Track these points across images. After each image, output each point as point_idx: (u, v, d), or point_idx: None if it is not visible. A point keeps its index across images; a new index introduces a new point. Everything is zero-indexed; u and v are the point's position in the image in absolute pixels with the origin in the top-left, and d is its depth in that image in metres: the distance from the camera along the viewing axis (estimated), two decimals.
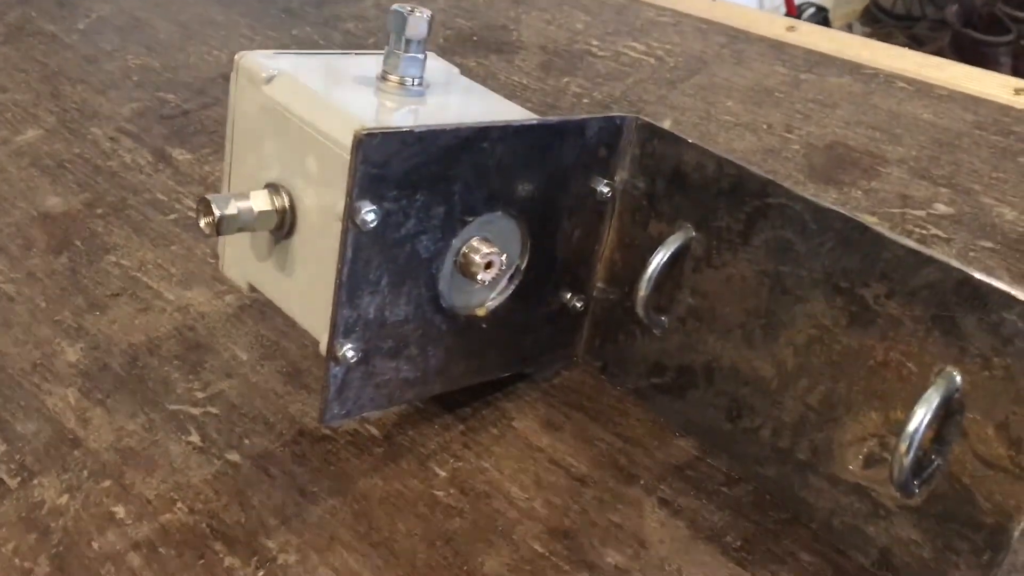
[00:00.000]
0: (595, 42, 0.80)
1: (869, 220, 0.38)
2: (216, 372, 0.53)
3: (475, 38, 0.83)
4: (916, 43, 2.45)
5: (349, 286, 0.39)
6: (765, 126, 0.68)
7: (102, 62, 0.83)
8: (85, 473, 0.47)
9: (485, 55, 0.80)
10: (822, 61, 0.75)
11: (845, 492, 0.40)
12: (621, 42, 0.80)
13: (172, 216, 0.65)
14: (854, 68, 0.74)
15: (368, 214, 0.38)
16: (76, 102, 0.78)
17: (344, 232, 0.38)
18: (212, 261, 0.61)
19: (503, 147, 0.42)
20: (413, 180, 0.39)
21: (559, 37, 0.82)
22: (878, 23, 2.78)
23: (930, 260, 0.37)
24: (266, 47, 0.85)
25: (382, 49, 0.46)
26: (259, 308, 0.57)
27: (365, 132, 0.36)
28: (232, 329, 0.55)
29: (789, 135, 0.67)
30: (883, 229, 0.38)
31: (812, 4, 2.68)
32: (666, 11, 0.84)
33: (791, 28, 0.76)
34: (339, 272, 0.39)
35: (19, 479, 0.47)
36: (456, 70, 0.51)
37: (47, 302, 0.58)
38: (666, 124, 0.44)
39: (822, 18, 2.63)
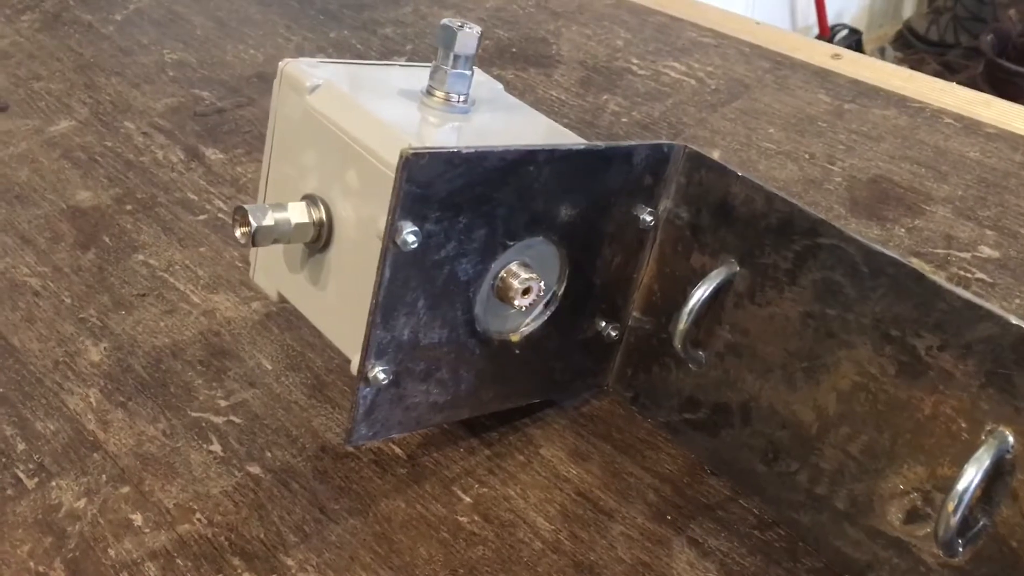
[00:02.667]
0: (635, 60, 0.79)
1: (925, 268, 0.37)
2: (240, 380, 0.52)
3: (514, 50, 0.82)
4: (948, 70, 2.43)
5: (385, 307, 0.38)
6: (807, 156, 0.67)
7: (137, 55, 0.83)
8: (104, 477, 0.47)
9: (524, 68, 0.79)
10: (867, 92, 0.73)
11: (884, 546, 0.39)
12: (662, 62, 0.79)
13: (202, 217, 0.64)
14: (900, 101, 0.72)
15: (409, 235, 0.37)
16: (110, 94, 0.77)
17: (383, 252, 0.37)
18: (240, 265, 0.60)
19: (549, 171, 0.41)
20: (457, 202, 0.38)
21: (599, 53, 0.81)
22: (910, 48, 2.76)
23: (988, 314, 0.35)
24: (303, 48, 0.85)
25: (420, 59, 0.45)
26: (286, 316, 0.56)
27: (412, 152, 0.35)
28: (257, 337, 0.55)
29: (831, 166, 0.66)
30: (939, 279, 0.37)
31: (845, 26, 2.67)
32: (708, 32, 0.83)
33: (836, 56, 0.75)
34: (376, 292, 0.38)
35: (37, 480, 0.47)
36: (500, 87, 0.50)
37: (72, 298, 0.57)
38: (715, 155, 0.43)
39: (855, 40, 2.61)
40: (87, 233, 0.62)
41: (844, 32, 2.64)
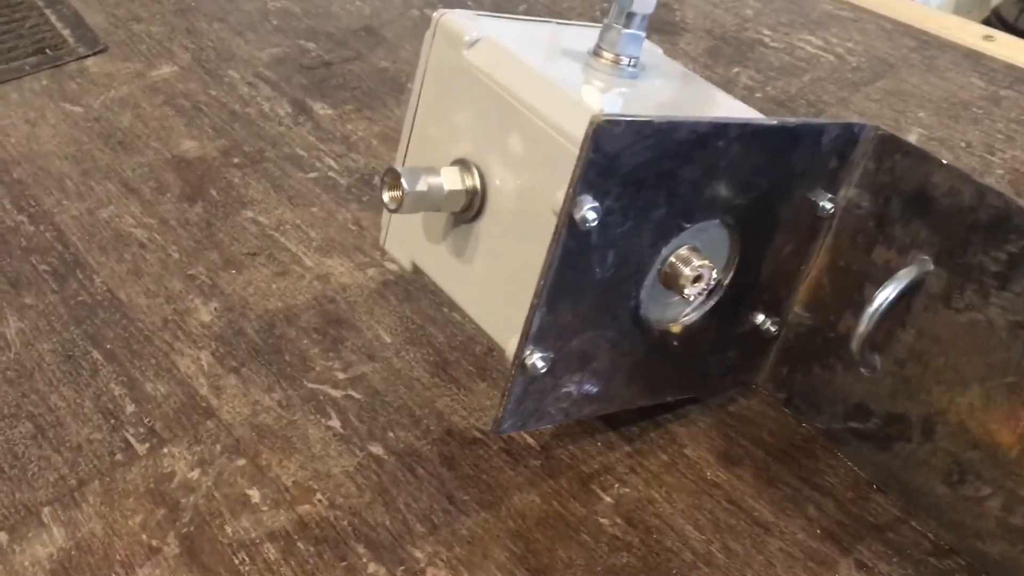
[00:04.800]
0: (767, 31, 0.74)
1: None
2: (358, 353, 0.49)
3: None
4: None
5: (552, 289, 0.35)
6: (963, 144, 0.62)
7: (240, 1, 0.79)
8: (218, 448, 0.44)
9: (647, 34, 0.74)
10: None
11: None
12: (796, 34, 0.74)
13: (312, 175, 0.61)
14: None
15: (589, 211, 0.33)
16: (212, 40, 0.74)
17: (559, 228, 0.33)
18: (354, 228, 0.56)
19: (737, 148, 0.36)
20: (640, 177, 0.34)
21: (727, 22, 0.76)
22: None
23: None
24: (411, 2, 0.81)
25: (534, 15, 0.41)
26: (404, 286, 0.52)
27: (605, 119, 0.31)
28: (375, 306, 0.51)
29: (991, 157, 0.61)
30: None
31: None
32: (844, 5, 0.77)
33: (988, 37, 0.69)
34: (544, 273, 0.34)
35: (148, 445, 0.44)
36: (660, 51, 0.46)
37: (180, 253, 0.54)
38: (911, 138, 0.38)
39: None
40: (193, 185, 0.59)
41: None
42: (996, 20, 2.74)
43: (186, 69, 0.71)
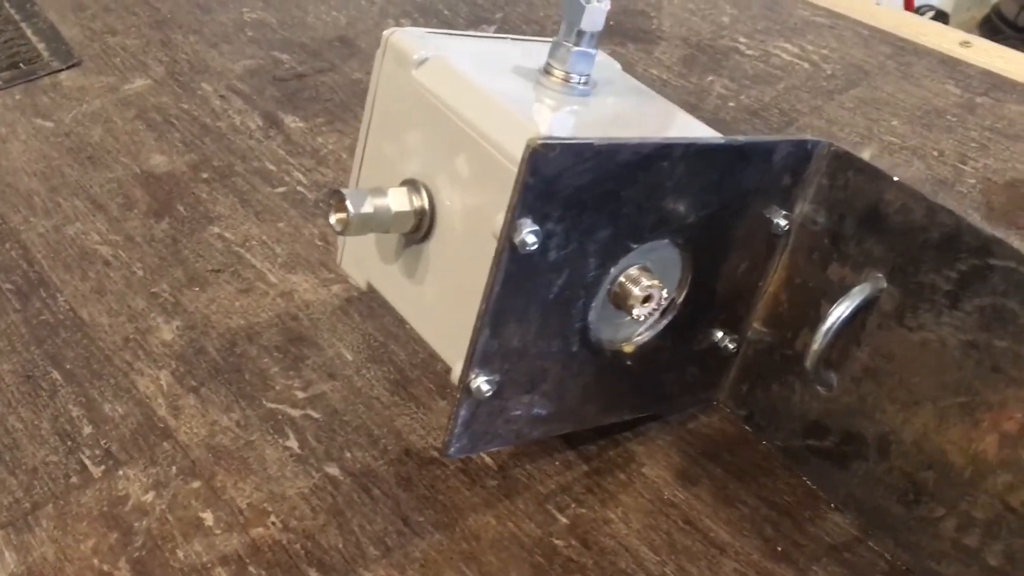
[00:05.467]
0: (743, 39, 0.74)
1: None
2: (318, 371, 0.48)
3: (611, 23, 0.76)
4: None
5: (495, 313, 0.34)
6: (935, 153, 0.61)
7: (216, 12, 0.79)
8: (174, 470, 0.44)
9: (622, 43, 0.74)
10: (1001, 84, 0.67)
11: None
12: (771, 41, 0.73)
13: (280, 189, 0.60)
14: None
15: (529, 235, 0.33)
16: (187, 53, 0.74)
17: (499, 253, 0.33)
18: (320, 244, 0.56)
19: (683, 167, 0.36)
20: (582, 199, 0.34)
21: (703, 30, 0.75)
22: (998, 34, 2.63)
23: None
24: (387, 12, 0.80)
25: (510, 27, 0.41)
26: (367, 303, 0.52)
27: (541, 142, 0.31)
28: (338, 323, 0.51)
29: (964, 166, 0.60)
30: None
31: (931, 7, 2.55)
32: (822, 11, 0.76)
33: (965, 43, 0.69)
34: (486, 297, 0.34)
35: (103, 467, 0.44)
36: (618, 66, 0.45)
37: (145, 271, 0.54)
38: (865, 155, 0.38)
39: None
40: (161, 201, 0.59)
41: (930, 14, 2.52)
42: (996, 18, 2.73)
43: (159, 82, 0.70)
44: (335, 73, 0.72)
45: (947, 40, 0.70)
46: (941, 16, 2.54)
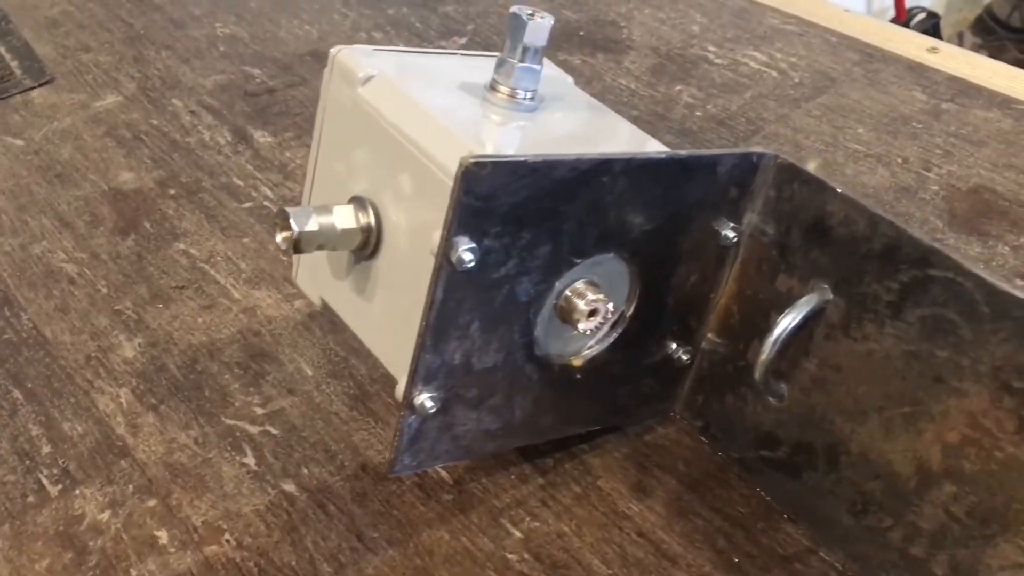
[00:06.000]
0: (712, 48, 0.74)
1: None
2: (278, 387, 0.48)
3: (582, 33, 0.77)
4: None
5: (436, 330, 0.34)
6: (900, 160, 0.61)
7: (189, 28, 0.80)
8: (130, 488, 0.44)
9: (592, 53, 0.74)
10: (967, 90, 0.67)
11: None
12: (741, 50, 0.74)
13: (247, 204, 0.61)
14: (1004, 101, 0.66)
15: (466, 252, 0.33)
16: (159, 69, 0.74)
17: (436, 270, 0.33)
18: (285, 259, 0.56)
19: (624, 182, 0.36)
20: (520, 215, 0.34)
21: (673, 39, 0.76)
22: (991, 34, 2.63)
23: None
24: (359, 25, 0.81)
25: (482, 40, 0.41)
26: (329, 317, 0.52)
27: (473, 160, 0.31)
28: (299, 339, 0.51)
29: (927, 173, 0.60)
30: None
31: (923, 9, 2.55)
32: (792, 19, 0.77)
33: (933, 49, 0.69)
34: (426, 314, 0.34)
35: (60, 487, 0.44)
36: (571, 81, 0.45)
37: (109, 288, 0.54)
38: (810, 167, 0.38)
39: (932, 25, 2.50)
40: (127, 218, 0.60)
41: (922, 16, 2.53)
42: (989, 18, 2.73)
43: (130, 99, 0.71)
44: (306, 87, 0.72)
45: (915, 46, 0.70)
46: (932, 17, 2.54)
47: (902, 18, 2.47)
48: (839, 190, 0.38)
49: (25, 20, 0.80)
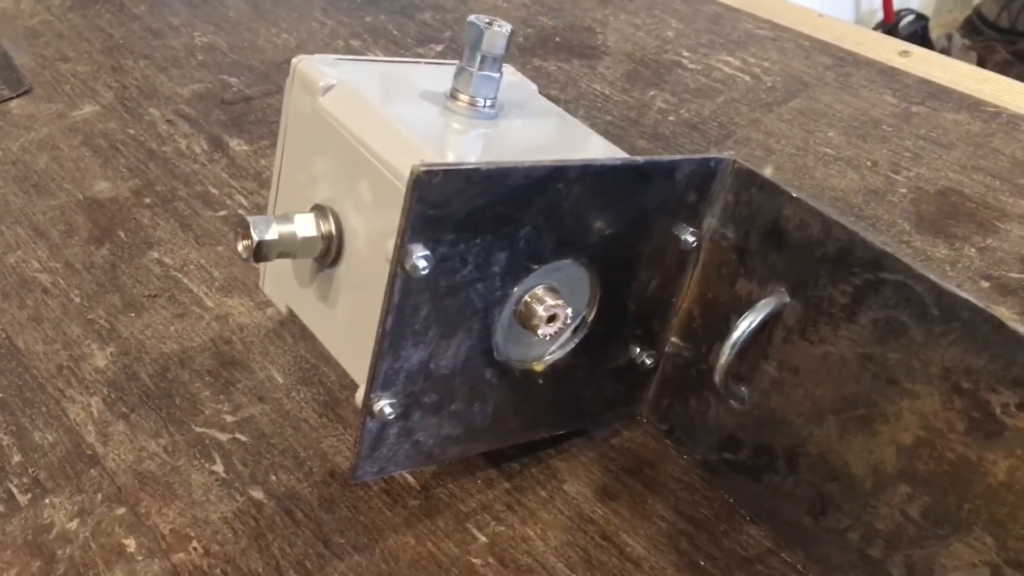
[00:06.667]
0: (686, 53, 0.74)
1: (1006, 315, 0.32)
2: (248, 394, 0.49)
3: (557, 39, 0.77)
4: (1020, 60, 2.32)
5: (393, 336, 0.35)
6: (869, 163, 0.62)
7: (168, 37, 0.80)
8: (99, 496, 0.44)
9: (567, 58, 0.75)
10: (937, 93, 0.68)
11: None
12: (714, 55, 0.74)
13: (221, 212, 0.61)
14: (973, 104, 0.67)
15: (420, 260, 0.33)
16: (137, 78, 0.75)
17: (392, 277, 0.34)
18: (257, 267, 0.57)
19: (581, 189, 0.36)
20: (475, 222, 0.34)
21: (647, 44, 0.76)
22: (980, 35, 2.64)
23: None
24: (337, 33, 0.81)
25: (459, 47, 0.41)
26: (300, 325, 0.52)
27: (424, 168, 0.32)
28: (270, 346, 0.51)
29: (896, 175, 0.61)
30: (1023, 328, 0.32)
31: (911, 11, 2.56)
32: (765, 23, 0.77)
33: (905, 53, 0.69)
34: (383, 320, 0.34)
35: (30, 496, 0.44)
36: (534, 88, 0.46)
37: (82, 297, 0.55)
38: (767, 171, 0.38)
39: (921, 27, 2.51)
40: (102, 227, 0.60)
41: (910, 17, 2.54)
42: (978, 19, 2.74)
43: (107, 108, 0.71)
44: (282, 96, 0.72)
45: (886, 50, 0.71)
46: (921, 19, 2.55)
47: (890, 20, 2.49)
48: (794, 194, 0.38)
49: (5, 30, 0.80)
